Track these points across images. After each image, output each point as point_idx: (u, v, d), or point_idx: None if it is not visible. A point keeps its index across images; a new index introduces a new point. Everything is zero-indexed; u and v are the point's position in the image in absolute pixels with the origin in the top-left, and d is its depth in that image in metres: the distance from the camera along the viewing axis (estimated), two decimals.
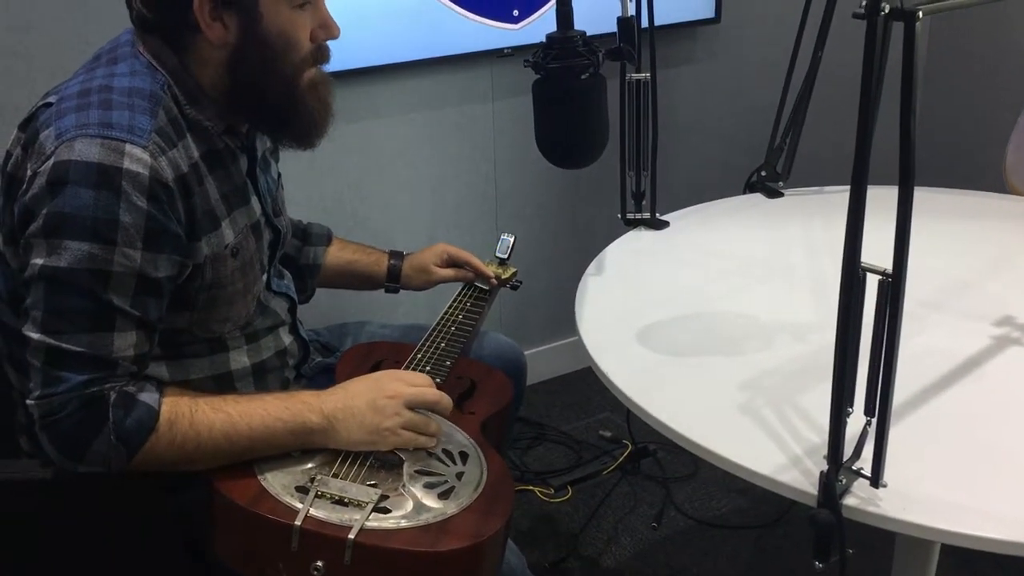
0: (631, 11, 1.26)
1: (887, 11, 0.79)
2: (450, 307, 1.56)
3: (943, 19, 1.21)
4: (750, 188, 1.84)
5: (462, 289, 1.61)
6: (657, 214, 1.71)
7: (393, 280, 1.60)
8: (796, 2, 1.74)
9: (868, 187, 0.90)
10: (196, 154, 1.13)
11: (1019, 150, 2.04)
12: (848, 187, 0.90)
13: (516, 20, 2.17)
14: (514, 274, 1.70)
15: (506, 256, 1.72)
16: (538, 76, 1.18)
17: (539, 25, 2.18)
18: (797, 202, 1.80)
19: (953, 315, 1.35)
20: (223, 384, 1.24)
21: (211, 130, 1.16)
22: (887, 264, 0.91)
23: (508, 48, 2.17)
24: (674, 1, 2.37)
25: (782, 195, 1.81)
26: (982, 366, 1.22)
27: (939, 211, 1.73)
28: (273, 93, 1.15)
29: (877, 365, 0.94)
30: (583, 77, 1.16)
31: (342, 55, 1.98)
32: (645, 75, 1.60)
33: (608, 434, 2.29)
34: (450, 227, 2.35)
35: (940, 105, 2.88)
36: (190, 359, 1.22)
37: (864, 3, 0.79)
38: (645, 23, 1.54)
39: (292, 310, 1.39)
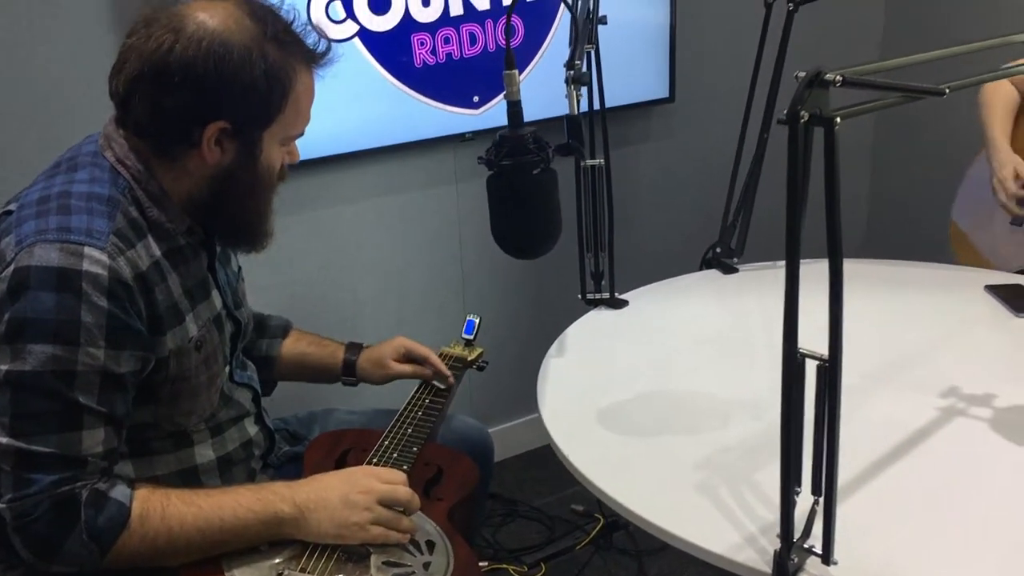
0: (581, 107, 1.32)
1: (807, 118, 0.84)
2: (416, 392, 1.58)
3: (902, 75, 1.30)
4: (706, 264, 1.90)
5: (420, 386, 1.61)
6: (616, 293, 1.76)
7: (349, 374, 1.61)
8: (746, 81, 1.81)
9: (821, 261, 0.94)
10: (158, 252, 1.17)
11: (963, 216, 2.12)
12: (814, 260, 0.94)
13: (477, 106, 2.24)
14: (480, 355, 1.74)
15: (472, 337, 1.76)
16: (491, 172, 1.23)
17: (499, 110, 2.23)
18: (752, 277, 1.86)
19: (901, 388, 1.40)
20: (189, 479, 1.26)
21: (172, 230, 1.20)
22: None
23: (469, 133, 2.24)
24: (629, 83, 2.46)
25: (737, 271, 1.86)
26: (929, 439, 1.26)
27: (888, 282, 1.80)
28: (249, 214, 1.22)
29: (820, 446, 0.98)
30: (534, 173, 1.21)
31: (310, 145, 2.05)
32: (599, 161, 1.66)
33: (580, 508, 2.31)
34: (418, 309, 2.39)
35: (889, 179, 2.98)
36: (155, 456, 1.24)
37: (786, 111, 0.85)
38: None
39: (256, 400, 1.42)
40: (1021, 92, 1.98)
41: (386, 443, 1.42)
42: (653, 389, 1.46)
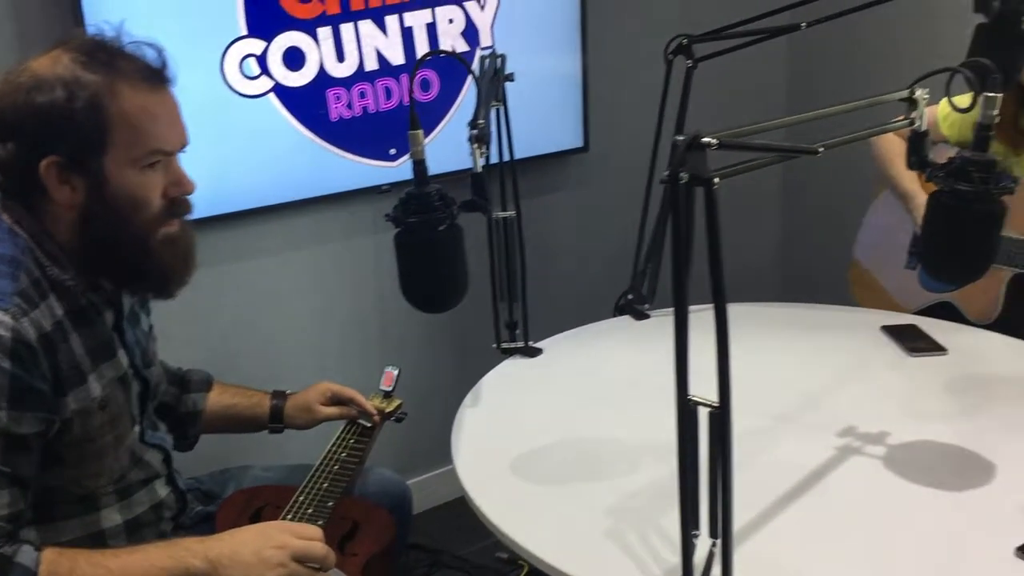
0: (498, 159, 1.35)
1: (687, 179, 0.89)
2: (333, 445, 1.59)
3: (801, 131, 1.35)
4: (619, 311, 1.95)
5: (345, 426, 1.65)
6: (532, 341, 1.79)
7: (276, 421, 1.63)
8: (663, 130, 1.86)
9: (738, 304, 0.98)
10: (59, 312, 1.17)
11: (866, 255, 2.21)
12: (710, 306, 0.97)
13: (394, 158, 2.27)
14: (399, 406, 1.75)
15: (391, 389, 1.77)
16: (398, 230, 1.26)
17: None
18: (663, 323, 1.91)
19: (801, 428, 1.45)
20: (96, 544, 1.24)
21: (73, 289, 1.19)
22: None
23: (387, 185, 2.25)
24: (544, 133, 2.52)
25: (648, 316, 1.91)
26: (827, 478, 1.31)
27: (795, 325, 1.87)
28: (125, 251, 1.20)
29: (715, 490, 1.02)
30: (440, 229, 1.24)
31: (226, 199, 2.07)
32: (510, 213, 1.70)
33: (504, 555, 2.31)
34: (338, 360, 2.39)
35: (802, 221, 3.09)
36: (61, 521, 1.22)
37: (667, 172, 0.89)
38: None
39: (167, 461, 1.40)
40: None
41: (301, 498, 1.42)
42: (565, 436, 1.48)
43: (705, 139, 0.90)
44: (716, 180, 0.91)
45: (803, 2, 1.76)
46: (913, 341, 1.70)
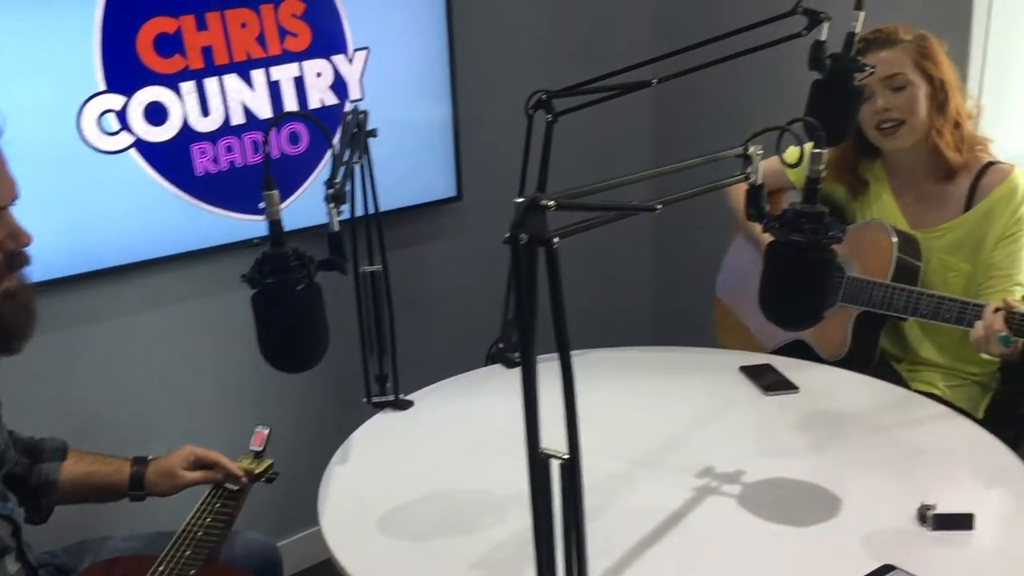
0: (355, 216, 1.36)
1: (526, 240, 0.92)
2: (197, 511, 1.55)
3: (667, 182, 1.40)
4: (491, 359, 1.97)
5: (211, 490, 1.60)
6: (404, 393, 1.79)
7: (137, 488, 1.58)
8: (529, 182, 1.91)
9: (606, 349, 1.00)
10: None
11: (727, 294, 2.30)
12: (584, 351, 0.99)
13: (262, 212, 2.24)
14: (270, 466, 1.72)
15: (261, 449, 1.74)
16: (255, 291, 1.25)
17: (285, 215, 2.26)
18: (540, 368, 1.94)
19: (661, 470, 1.50)
20: None
21: None
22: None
23: (257, 239, 2.24)
24: (417, 182, 2.55)
25: (519, 364, 1.93)
26: (683, 519, 1.35)
27: (658, 368, 1.93)
28: None
29: (569, 540, 1.04)
30: (298, 289, 1.24)
31: (83, 258, 2.01)
32: (377, 267, 1.71)
33: None
34: (209, 420, 2.33)
35: (666, 266, 3.19)
36: None
37: (507, 233, 0.92)
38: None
39: (17, 534, 1.34)
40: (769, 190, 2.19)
41: (161, 568, 1.38)
42: (434, 489, 1.49)
43: (543, 201, 0.93)
44: (556, 240, 0.94)
45: (660, 58, 1.84)
46: (768, 380, 1.78)
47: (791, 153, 1.73)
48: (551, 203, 0.93)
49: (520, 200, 0.94)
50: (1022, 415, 1.95)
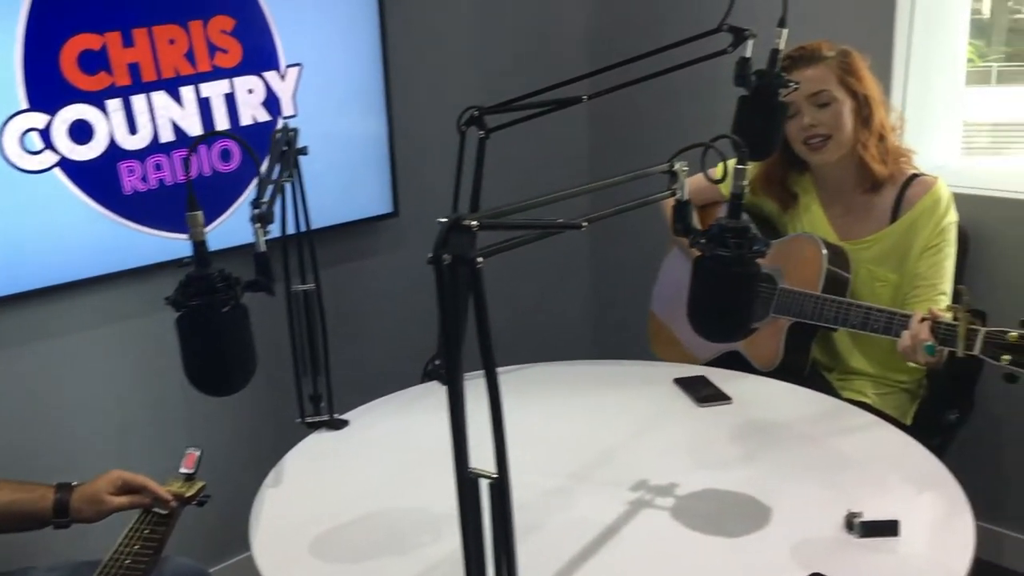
0: (286, 234, 1.34)
1: (450, 260, 0.92)
2: (125, 537, 1.51)
3: (604, 197, 1.40)
4: (428, 376, 1.96)
5: (140, 515, 1.57)
6: (340, 412, 1.77)
7: (61, 515, 1.53)
8: (463, 198, 1.91)
9: (543, 364, 1.00)
10: None
11: (661, 308, 2.32)
12: (522, 366, 0.99)
13: None
14: (201, 489, 1.69)
15: (192, 471, 1.70)
16: (179, 313, 1.23)
17: (218, 234, 2.23)
18: (473, 385, 1.92)
19: (596, 485, 1.50)
20: None
21: None
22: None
23: (187, 258, 2.19)
24: (353, 198, 2.53)
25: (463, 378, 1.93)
26: (617, 533, 1.36)
27: (594, 381, 1.94)
28: None
29: (499, 560, 1.03)
30: (224, 311, 1.22)
31: (8, 279, 1.96)
32: (310, 285, 1.70)
33: None
34: (141, 442, 2.28)
35: (604, 280, 3.22)
36: None
37: (430, 255, 0.92)
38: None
39: None
40: (695, 204, 2.22)
41: None
42: (369, 510, 1.47)
43: (466, 221, 0.93)
44: (480, 260, 0.94)
45: (592, 73, 1.86)
46: (702, 391, 1.79)
47: (721, 169, 1.76)
48: (474, 223, 0.93)
49: (443, 220, 0.93)
50: (948, 422, 2.00)
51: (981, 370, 1.96)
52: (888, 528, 1.30)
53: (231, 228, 2.24)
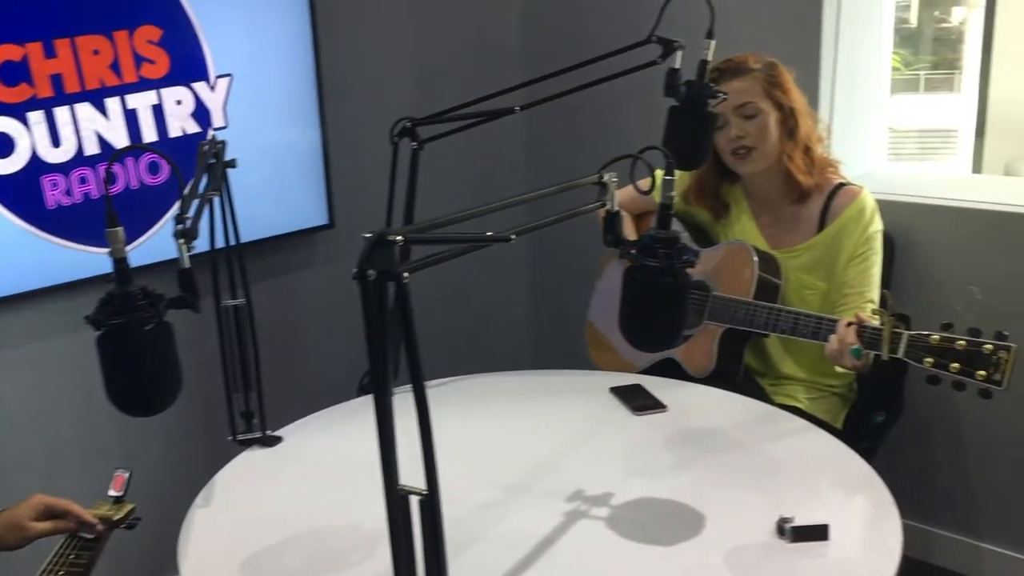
0: (215, 248, 1.31)
1: (375, 276, 0.91)
2: (49, 564, 1.47)
3: (544, 205, 1.42)
4: (363, 391, 1.94)
5: (65, 541, 1.52)
6: (272, 429, 1.74)
7: None
8: (397, 209, 1.89)
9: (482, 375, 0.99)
10: None
11: (599, 318, 2.33)
12: (460, 377, 0.97)
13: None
14: (131, 512, 1.64)
15: (121, 494, 1.66)
16: (99, 333, 1.20)
17: (147, 249, 2.19)
18: (406, 399, 1.91)
19: (533, 496, 1.50)
20: None
21: None
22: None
23: (111, 274, 2.15)
24: (289, 211, 2.50)
25: (392, 394, 1.91)
26: (553, 545, 1.35)
27: (532, 392, 1.93)
28: None
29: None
30: (146, 330, 1.19)
31: None
32: (240, 300, 1.67)
33: None
34: (70, 464, 2.22)
35: (544, 290, 3.22)
36: None
37: (355, 270, 0.91)
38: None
39: None
40: (631, 213, 2.24)
41: None
42: (302, 528, 1.45)
43: (391, 237, 0.92)
44: (406, 275, 0.93)
45: (523, 85, 1.86)
46: (637, 400, 1.80)
47: (650, 181, 1.78)
48: (399, 238, 0.93)
49: (367, 235, 0.92)
50: (876, 425, 2.05)
51: (906, 373, 2.01)
52: (818, 533, 1.32)
53: (162, 242, 2.20)
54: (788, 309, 1.89)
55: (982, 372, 1.51)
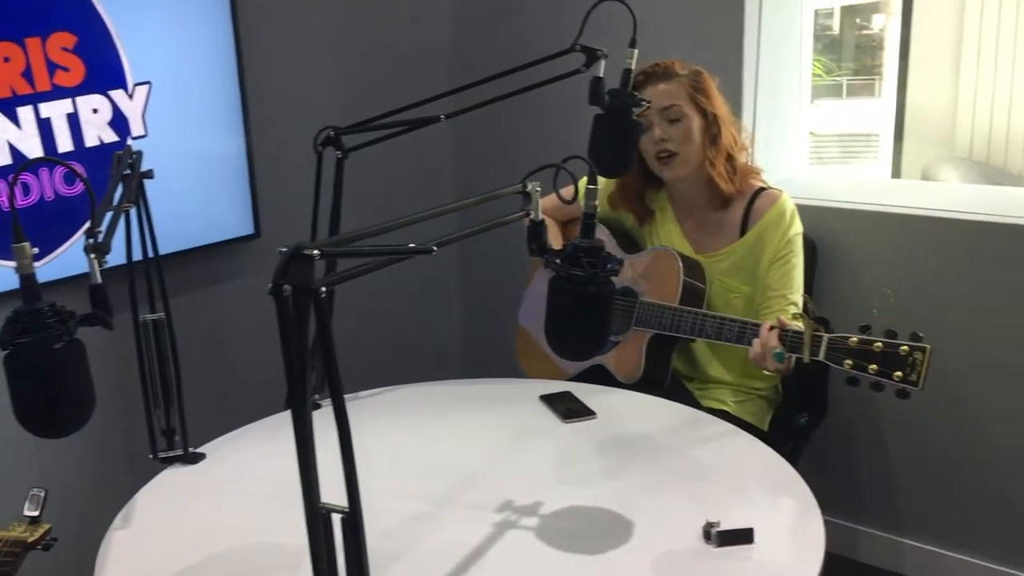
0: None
1: (289, 291, 0.89)
2: None
3: (475, 214, 1.42)
4: (289, 404, 1.90)
5: None
6: (193, 446, 1.70)
7: None
8: (325, 216, 1.86)
9: (412, 384, 0.97)
10: None
11: (529, 322, 2.33)
12: (390, 388, 0.96)
13: (36, 258, 2.09)
14: (47, 532, 1.58)
15: (37, 514, 1.60)
16: (6, 352, 1.15)
17: (64, 260, 2.12)
18: (330, 413, 1.89)
19: (462, 508, 1.49)
20: None
21: None
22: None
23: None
24: (214, 221, 2.45)
25: (320, 406, 1.89)
26: (484, 555, 1.34)
27: (462, 401, 1.92)
28: None
29: None
30: (56, 348, 1.15)
31: None
32: (160, 315, 1.62)
33: None
34: None
35: (475, 298, 3.22)
36: None
37: (270, 285, 0.89)
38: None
39: None
40: (557, 220, 2.24)
41: None
42: (226, 548, 1.41)
43: (307, 251, 0.90)
44: (323, 289, 0.91)
45: (449, 93, 1.85)
46: (567, 407, 1.81)
47: (573, 189, 1.79)
48: (315, 252, 0.91)
49: (283, 249, 0.91)
50: (800, 427, 2.08)
51: (828, 375, 2.05)
52: (743, 536, 1.34)
53: (79, 254, 2.12)
54: (713, 314, 1.92)
55: (899, 373, 1.54)
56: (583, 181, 1.29)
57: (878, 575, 2.48)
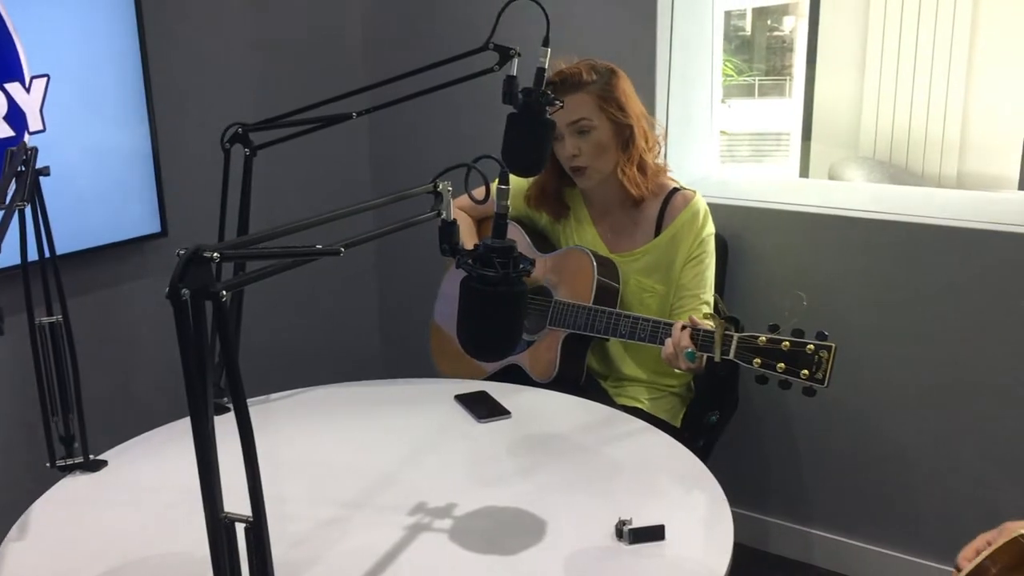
0: (27, 261, 1.21)
1: (188, 295, 0.86)
2: None
3: (394, 211, 1.40)
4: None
5: None
6: (94, 453, 1.64)
7: None
8: (233, 213, 1.81)
9: (329, 386, 0.94)
10: None
11: (444, 319, 2.31)
12: (303, 389, 0.93)
13: None
14: None
15: None
16: None
17: None
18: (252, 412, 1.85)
19: (375, 511, 1.47)
20: None
21: None
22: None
23: None
24: (119, 219, 2.37)
25: (228, 410, 1.84)
26: (397, 559, 1.33)
27: (376, 402, 1.90)
28: None
29: None
30: None
31: None
32: (57, 317, 1.56)
33: None
34: None
35: (392, 298, 3.19)
36: None
37: (167, 289, 0.86)
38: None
39: None
40: (473, 217, 2.23)
41: None
42: (128, 558, 1.37)
43: (206, 253, 0.88)
44: (224, 293, 0.89)
45: (363, 89, 1.82)
46: (481, 407, 1.80)
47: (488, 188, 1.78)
48: (215, 255, 0.88)
49: (181, 252, 0.88)
50: (711, 424, 2.12)
51: (739, 373, 2.09)
52: (655, 533, 1.35)
53: None
54: (627, 314, 1.93)
55: (805, 371, 1.58)
56: (496, 183, 1.28)
57: (787, 565, 2.54)
